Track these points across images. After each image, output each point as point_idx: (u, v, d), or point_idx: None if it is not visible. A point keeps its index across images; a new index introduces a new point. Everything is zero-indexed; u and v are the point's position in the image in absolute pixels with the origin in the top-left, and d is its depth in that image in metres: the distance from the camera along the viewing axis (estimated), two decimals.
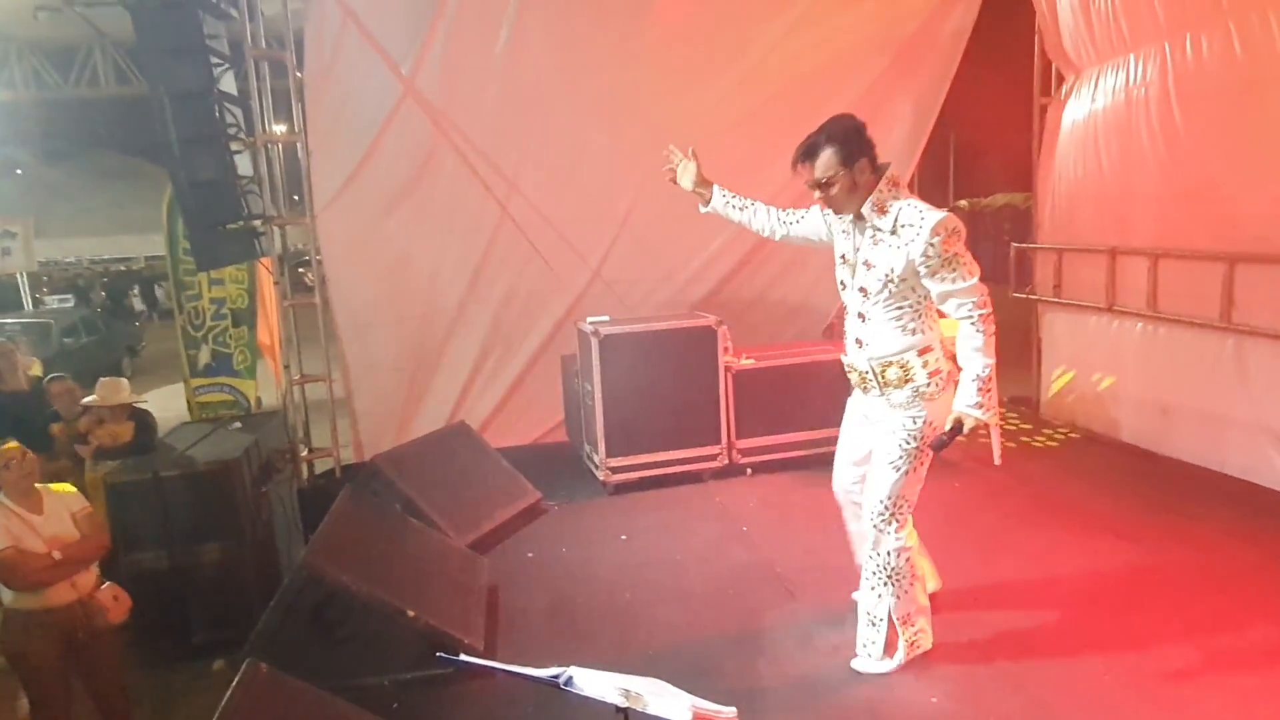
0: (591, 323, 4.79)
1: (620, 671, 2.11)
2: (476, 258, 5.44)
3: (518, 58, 5.07)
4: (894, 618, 2.82)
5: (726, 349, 4.91)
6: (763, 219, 3.02)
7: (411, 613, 2.80)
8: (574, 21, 5.13)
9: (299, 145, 5.01)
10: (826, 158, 2.57)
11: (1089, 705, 2.66)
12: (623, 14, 5.19)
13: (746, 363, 4.96)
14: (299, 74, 4.92)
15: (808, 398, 5.04)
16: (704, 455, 4.91)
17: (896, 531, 2.78)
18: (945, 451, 2.74)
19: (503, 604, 3.54)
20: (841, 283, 2.80)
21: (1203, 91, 4.48)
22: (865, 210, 2.61)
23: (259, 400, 6.55)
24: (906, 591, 2.82)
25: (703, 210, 3.10)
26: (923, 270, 2.53)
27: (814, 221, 2.90)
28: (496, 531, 4.20)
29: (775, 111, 5.61)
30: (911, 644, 2.86)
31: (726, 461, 4.97)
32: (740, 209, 3.04)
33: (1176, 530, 3.90)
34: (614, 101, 5.36)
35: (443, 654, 1.68)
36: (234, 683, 2.09)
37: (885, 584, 2.82)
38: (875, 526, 2.81)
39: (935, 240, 2.48)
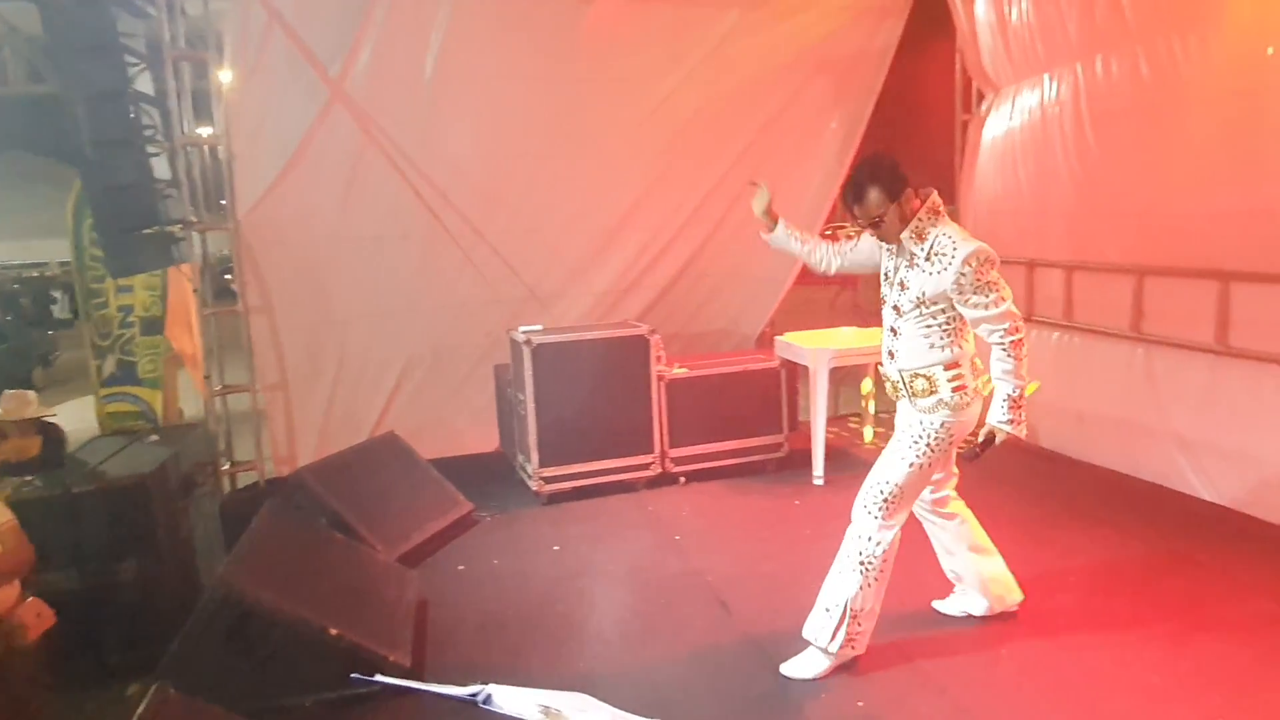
0: (524, 332, 4.76)
1: (548, 687, 2.10)
2: (407, 267, 5.34)
3: (449, 64, 5.01)
4: (850, 606, 2.85)
5: (659, 358, 4.93)
6: (821, 253, 3.17)
7: (334, 630, 2.73)
8: (507, 30, 5.09)
9: (220, 148, 4.86)
10: (874, 197, 2.74)
11: (1006, 706, 2.73)
12: (555, 25, 5.17)
13: (679, 372, 4.99)
14: (221, 75, 4.77)
15: (741, 406, 5.11)
16: (637, 464, 4.92)
17: (884, 519, 2.84)
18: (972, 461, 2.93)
19: (432, 619, 3.48)
20: (882, 298, 2.95)
21: (1113, 111, 4.69)
22: (904, 236, 2.78)
23: (180, 412, 6.32)
24: (870, 585, 2.85)
25: (764, 237, 3.25)
26: (955, 297, 2.70)
27: (867, 247, 3.03)
28: (427, 544, 4.13)
29: (707, 122, 5.69)
30: (850, 640, 2.87)
31: (660, 470, 4.98)
32: (801, 242, 3.20)
33: (1089, 533, 4.06)
34: (547, 111, 5.35)
35: (357, 675, 1.63)
36: (140, 709, 2.00)
37: (854, 570, 2.86)
38: (866, 509, 2.87)
39: (966, 270, 2.64)
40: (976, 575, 3.24)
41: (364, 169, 5.11)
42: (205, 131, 5.14)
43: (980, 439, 2.79)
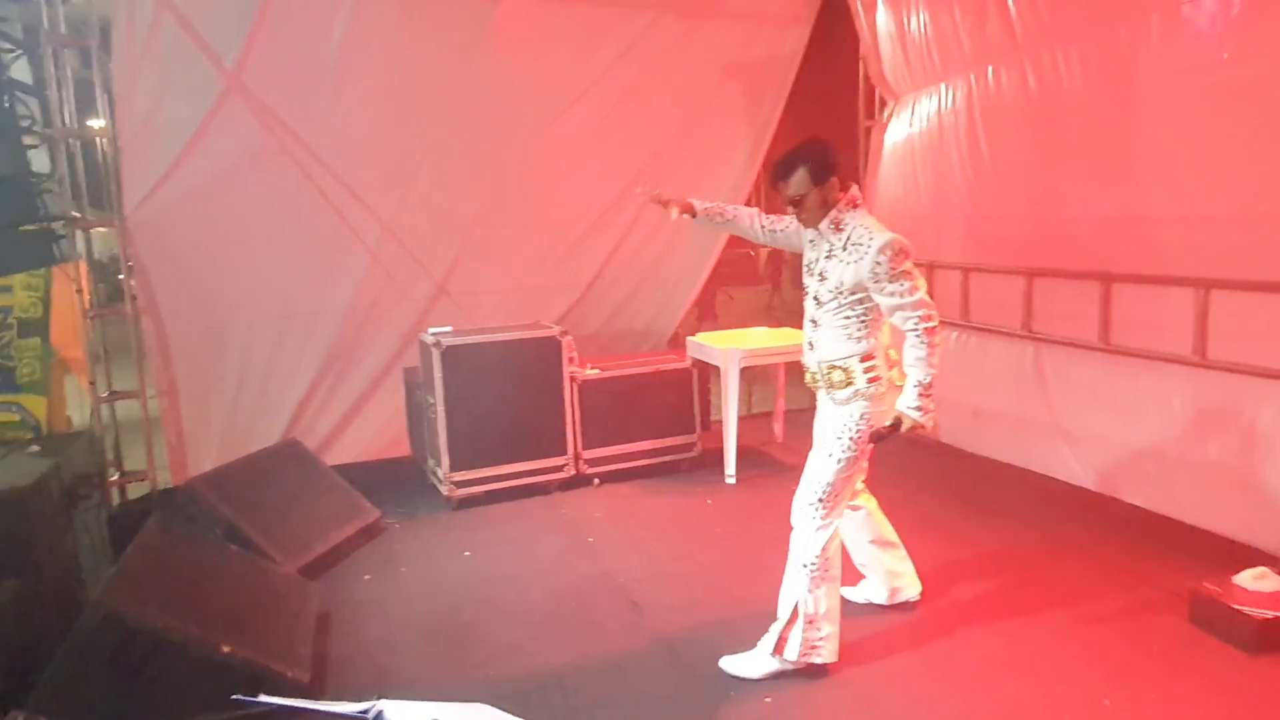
0: (433, 334, 4.66)
1: (455, 698, 2.05)
2: (312, 267, 5.16)
3: (354, 57, 4.86)
4: (801, 612, 2.87)
5: (572, 359, 4.90)
6: (745, 224, 3.22)
7: (227, 648, 2.61)
8: (414, 25, 4.97)
9: (105, 140, 4.60)
10: (800, 176, 2.80)
11: (908, 695, 2.82)
12: (465, 21, 5.09)
13: (592, 373, 4.98)
14: (107, 63, 4.51)
15: (654, 406, 5.13)
16: (550, 467, 4.88)
17: (823, 519, 2.88)
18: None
19: (336, 631, 3.37)
20: (805, 287, 2.99)
21: (1003, 120, 4.91)
22: (822, 226, 2.84)
23: (69, 420, 5.93)
24: (819, 587, 2.87)
25: (693, 221, 3.25)
26: (871, 286, 2.74)
27: (794, 231, 3.07)
28: (331, 554, 4.00)
29: (619, 124, 5.70)
30: (811, 647, 2.87)
31: (573, 472, 4.96)
32: (724, 219, 3.22)
33: (984, 524, 4.23)
34: (457, 108, 5.25)
35: (238, 696, 1.56)
36: None
37: (799, 573, 2.89)
38: (803, 513, 2.90)
39: (882, 259, 2.69)
40: (880, 566, 3.37)
41: (263, 164, 4.90)
42: (91, 123, 4.86)
43: (888, 422, 2.84)
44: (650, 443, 5.15)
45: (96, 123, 4.77)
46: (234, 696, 1.55)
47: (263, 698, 1.46)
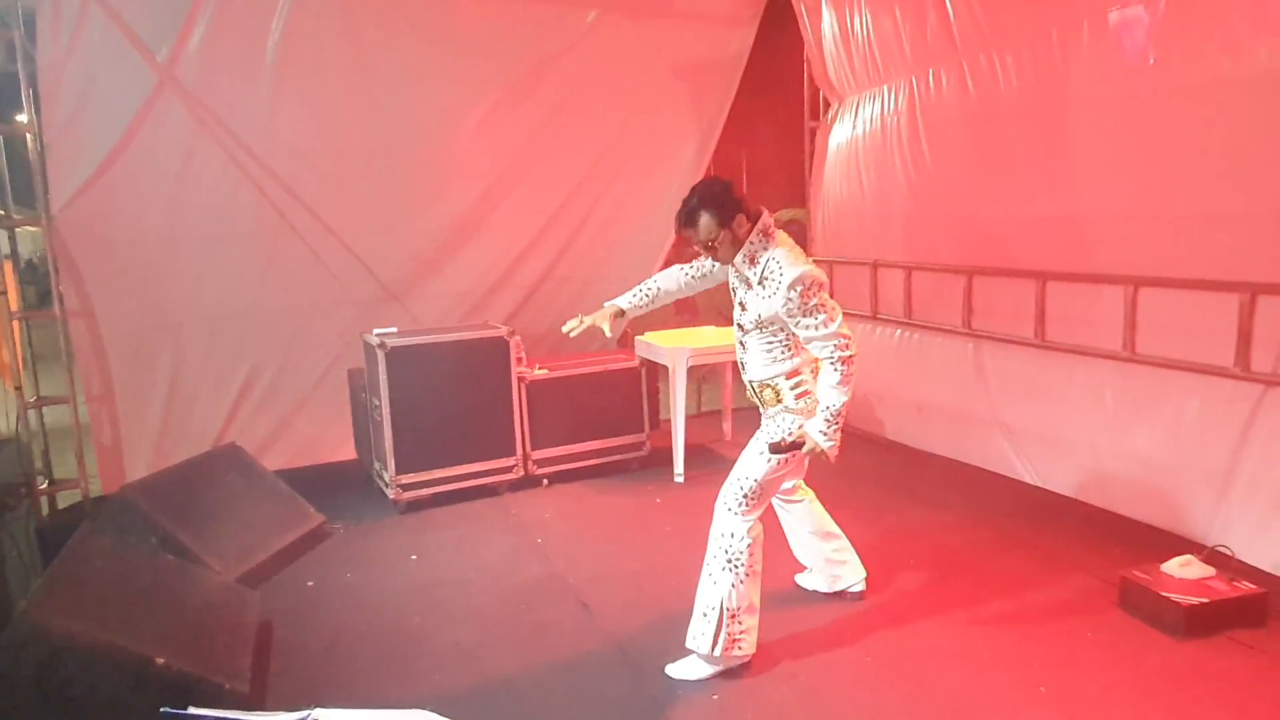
0: (378, 334, 4.59)
1: (401, 704, 2.02)
2: (251, 266, 5.04)
3: (293, 51, 4.76)
4: (725, 607, 2.88)
5: (520, 359, 4.87)
6: (675, 288, 3.25)
7: (161, 660, 2.53)
8: (356, 21, 4.89)
9: (31, 136, 4.42)
10: (705, 222, 2.82)
11: (852, 686, 2.87)
12: (408, 15, 5.02)
13: (540, 373, 4.95)
14: (32, 55, 4.33)
15: (603, 406, 5.12)
16: (499, 468, 4.84)
17: (745, 515, 2.89)
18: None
19: (278, 640, 3.29)
20: (733, 315, 3.04)
21: (944, 121, 5.02)
22: (737, 262, 2.86)
23: None
24: (742, 582, 2.89)
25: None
26: (786, 320, 2.79)
27: (719, 269, 3.11)
28: (272, 561, 3.90)
29: (566, 122, 5.68)
30: (733, 641, 2.89)
31: (522, 473, 4.93)
32: (653, 298, 3.26)
33: (927, 518, 4.32)
34: (401, 104, 5.18)
35: (167, 709, 1.52)
36: None
37: (723, 569, 2.89)
38: (727, 506, 2.92)
39: (793, 294, 2.73)
40: (820, 557, 3.43)
41: (199, 161, 4.77)
42: (19, 118, 4.67)
43: (792, 437, 2.85)
44: (599, 442, 5.14)
45: (22, 117, 4.59)
46: (162, 710, 1.51)
47: (192, 710, 1.42)
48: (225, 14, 4.56)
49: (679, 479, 5.03)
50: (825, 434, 2.79)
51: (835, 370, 2.76)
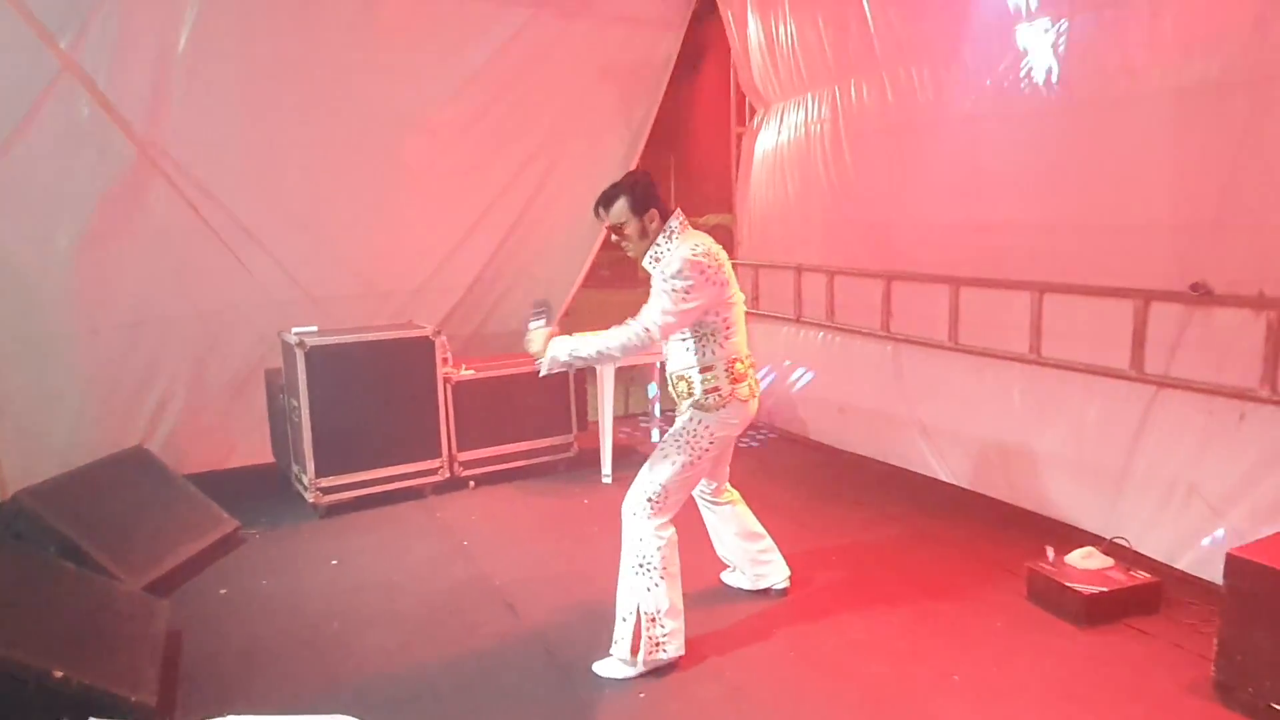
0: (297, 333, 4.46)
1: (320, 711, 1.97)
2: (163, 267, 4.82)
3: (206, 42, 4.58)
4: (641, 612, 2.89)
5: (446, 359, 4.80)
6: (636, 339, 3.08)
7: (60, 673, 2.40)
8: (274, 11, 4.74)
9: None
10: (619, 206, 2.91)
11: (777, 681, 2.92)
12: (331, 9, 4.89)
13: (466, 373, 4.89)
14: None
15: (530, 407, 5.09)
16: (424, 470, 4.76)
17: (651, 517, 2.90)
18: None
19: (187, 650, 3.16)
20: None
21: (865, 130, 5.17)
22: (645, 262, 2.95)
23: None
24: (657, 585, 2.89)
25: None
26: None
27: None
28: (182, 568, 3.74)
29: (495, 123, 5.63)
30: (655, 645, 2.89)
31: (448, 475, 4.86)
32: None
33: (848, 515, 4.44)
34: (323, 100, 5.04)
35: None
36: None
37: (635, 573, 2.90)
38: (633, 511, 2.92)
39: (668, 280, 2.81)
40: (745, 557, 3.49)
41: (105, 157, 4.53)
42: None
43: (545, 346, 2.94)
44: (527, 443, 5.11)
45: None
46: None
47: None
48: (133, 7, 4.36)
49: (607, 480, 5.04)
50: (560, 347, 2.90)
51: (622, 333, 2.82)
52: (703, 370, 2.96)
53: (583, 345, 2.90)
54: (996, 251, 4.40)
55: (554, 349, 2.93)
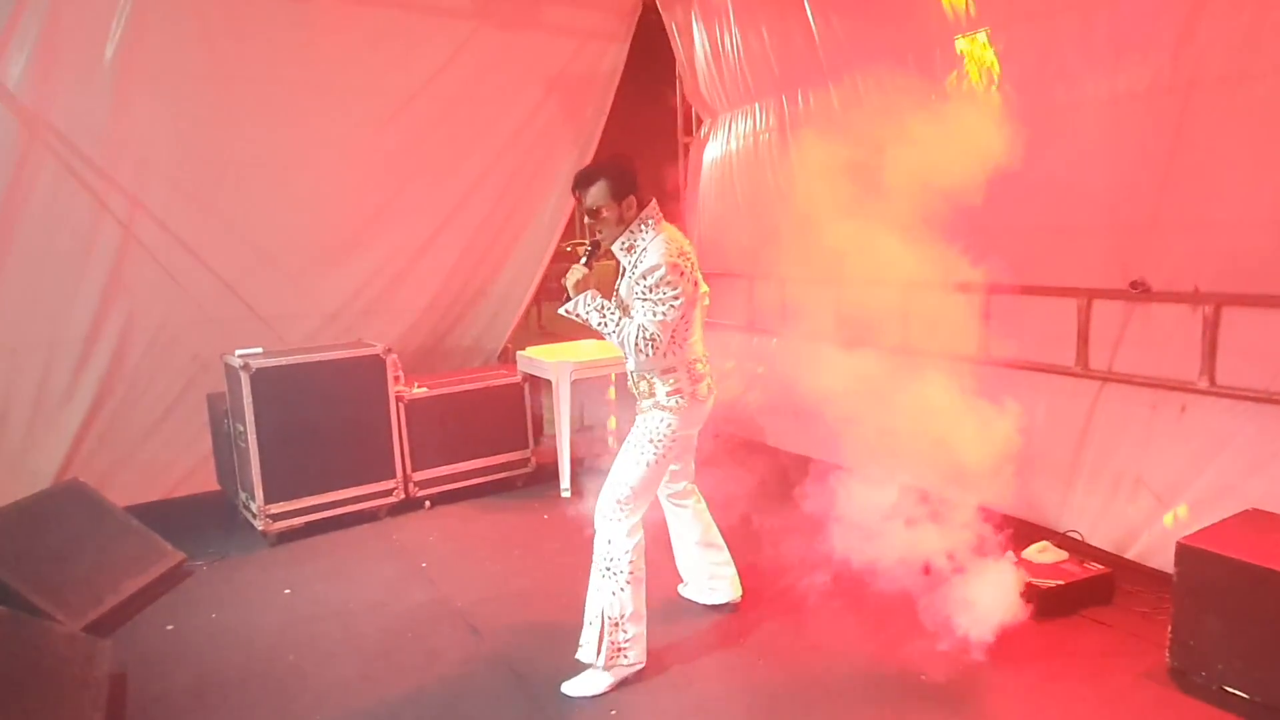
0: (241, 355, 4.31)
1: None
2: (90, 285, 4.63)
3: (137, 56, 4.42)
4: (605, 615, 2.85)
5: (397, 378, 4.70)
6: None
7: None
8: (208, 22, 4.60)
9: None
10: (599, 188, 2.84)
11: (746, 688, 2.92)
12: (270, 20, 4.77)
13: (419, 391, 4.80)
14: None
15: (485, 423, 5.01)
16: (378, 491, 4.65)
17: (622, 520, 2.87)
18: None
19: (133, 692, 3.01)
20: None
21: (812, 138, 5.22)
22: (617, 248, 2.88)
23: None
24: (623, 589, 2.85)
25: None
26: (633, 302, 2.83)
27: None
28: (125, 606, 3.58)
29: (445, 137, 5.56)
30: (618, 650, 2.86)
31: (403, 496, 4.75)
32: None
33: (806, 519, 4.44)
34: (263, 114, 4.91)
35: None
36: None
37: (603, 576, 2.86)
38: (605, 515, 2.89)
39: (644, 281, 2.78)
40: (702, 570, 3.46)
41: (28, 171, 4.34)
42: None
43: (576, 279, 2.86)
44: (483, 460, 5.03)
45: None
46: None
47: None
48: (57, 12, 4.20)
49: (565, 494, 4.98)
50: (583, 304, 2.81)
51: (631, 330, 2.77)
52: (665, 372, 2.94)
53: (598, 319, 2.82)
54: (943, 255, 4.48)
55: (579, 301, 2.83)
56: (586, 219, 2.93)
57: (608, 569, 2.87)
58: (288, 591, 3.83)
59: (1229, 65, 3.19)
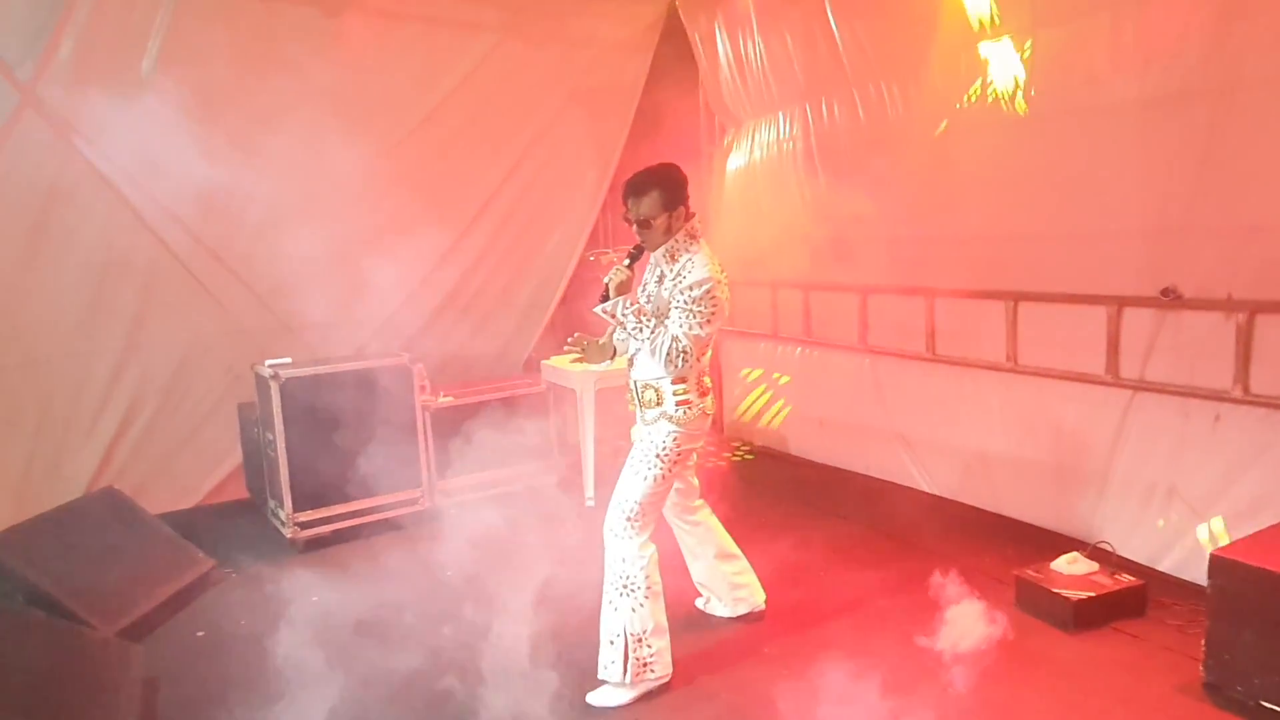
0: (270, 365, 4.38)
1: None
2: (127, 297, 4.72)
3: (172, 72, 4.52)
4: (628, 633, 2.84)
5: (423, 387, 4.74)
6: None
7: None
8: (240, 40, 4.69)
9: None
10: (653, 198, 2.83)
11: (772, 697, 2.88)
12: (298, 37, 4.85)
13: (445, 400, 4.84)
14: None
15: (510, 432, 5.03)
16: (404, 500, 4.69)
17: (633, 536, 2.87)
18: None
19: (166, 696, 3.06)
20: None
21: (837, 147, 5.21)
22: (659, 254, 2.89)
23: None
24: (642, 605, 2.85)
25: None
26: (671, 305, 2.82)
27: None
28: (158, 611, 3.64)
29: (468, 147, 5.61)
30: (643, 665, 2.86)
31: (428, 504, 4.78)
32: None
33: (832, 529, 4.44)
34: (292, 128, 4.96)
35: None
36: None
37: (620, 594, 2.86)
38: (615, 533, 2.88)
39: (690, 292, 2.78)
40: (723, 581, 3.43)
41: (67, 186, 4.45)
42: None
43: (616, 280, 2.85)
44: (508, 469, 5.05)
45: None
46: None
47: None
48: (96, 29, 4.30)
49: (590, 503, 4.99)
50: (619, 303, 2.80)
51: (665, 339, 2.77)
52: (675, 381, 2.92)
53: (634, 322, 2.81)
54: (971, 262, 4.45)
55: (618, 303, 2.81)
56: (635, 227, 2.91)
57: (624, 586, 2.86)
58: (315, 599, 3.86)
59: (1262, 68, 3.14)
